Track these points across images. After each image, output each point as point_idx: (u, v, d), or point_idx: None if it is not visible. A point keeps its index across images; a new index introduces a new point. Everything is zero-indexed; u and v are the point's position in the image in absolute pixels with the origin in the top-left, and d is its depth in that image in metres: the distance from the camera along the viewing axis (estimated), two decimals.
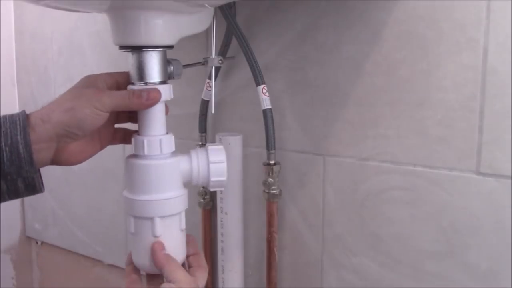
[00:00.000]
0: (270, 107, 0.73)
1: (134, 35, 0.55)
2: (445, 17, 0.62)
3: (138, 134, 0.57)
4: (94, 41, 1.04)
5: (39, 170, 0.51)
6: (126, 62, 0.57)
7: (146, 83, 0.56)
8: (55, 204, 1.19)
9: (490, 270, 0.62)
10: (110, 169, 1.04)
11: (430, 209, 0.66)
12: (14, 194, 0.51)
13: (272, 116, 0.73)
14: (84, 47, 1.06)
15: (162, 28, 0.55)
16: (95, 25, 1.03)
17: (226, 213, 0.79)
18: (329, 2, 0.71)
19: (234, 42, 0.77)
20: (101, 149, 0.59)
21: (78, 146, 0.55)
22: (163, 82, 0.57)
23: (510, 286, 0.61)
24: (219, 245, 0.81)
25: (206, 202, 0.86)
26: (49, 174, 1.20)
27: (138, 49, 0.56)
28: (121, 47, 0.57)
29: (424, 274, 0.67)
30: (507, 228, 0.60)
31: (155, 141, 0.55)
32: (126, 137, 0.61)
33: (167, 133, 0.58)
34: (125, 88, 0.57)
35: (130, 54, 0.57)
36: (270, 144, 0.74)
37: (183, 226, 0.58)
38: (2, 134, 0.49)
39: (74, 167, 1.18)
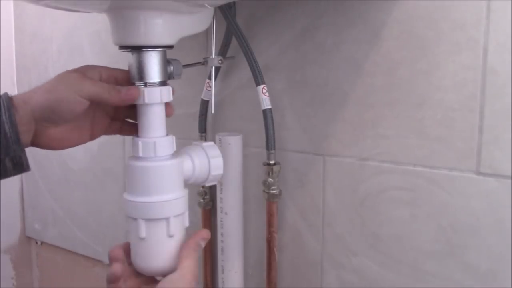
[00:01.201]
0: (270, 107, 0.73)
1: (134, 35, 0.55)
2: (445, 17, 0.62)
3: (138, 136, 0.57)
4: (94, 41, 1.04)
5: (24, 150, 0.52)
6: (126, 62, 0.57)
7: (146, 83, 0.56)
8: (55, 204, 1.19)
9: (490, 270, 0.62)
10: (110, 169, 1.04)
11: (430, 209, 0.66)
12: (3, 173, 0.51)
13: (272, 116, 0.73)
14: (84, 47, 1.06)
15: (162, 28, 0.55)
16: (95, 25, 1.03)
17: (226, 213, 0.79)
18: (329, 2, 0.71)
19: (234, 42, 0.77)
20: (91, 139, 0.58)
21: (61, 132, 0.54)
22: (163, 82, 0.57)
23: (510, 286, 0.61)
24: (219, 245, 0.81)
25: (206, 202, 0.86)
26: (49, 174, 1.21)
27: (138, 49, 0.56)
28: (121, 47, 0.57)
29: (424, 274, 0.67)
30: (507, 228, 0.60)
31: (149, 143, 0.55)
32: (123, 128, 0.60)
33: (166, 134, 0.57)
34: (125, 85, 0.57)
35: (130, 54, 0.57)
36: (270, 144, 0.74)
37: (187, 224, 0.59)
38: None
39: (74, 167, 1.18)
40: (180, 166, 0.58)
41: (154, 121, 0.56)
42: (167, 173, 0.56)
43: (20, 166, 0.51)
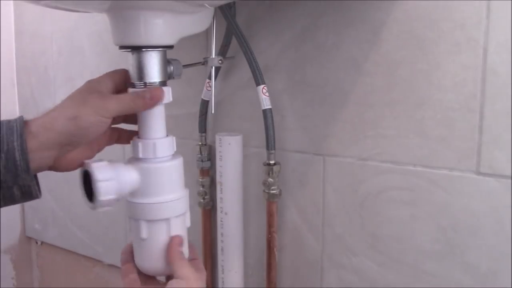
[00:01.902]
0: (270, 107, 0.73)
1: (134, 35, 0.55)
2: (445, 17, 0.62)
3: (138, 137, 0.57)
4: (94, 41, 1.04)
5: (36, 176, 0.51)
6: (126, 62, 0.57)
7: (145, 84, 0.56)
8: (55, 204, 1.19)
9: (490, 270, 0.62)
10: None
11: (430, 209, 0.66)
12: (10, 201, 0.50)
13: (272, 116, 0.73)
14: (84, 47, 1.06)
15: (162, 28, 0.55)
16: (95, 25, 1.03)
17: (226, 213, 0.79)
18: (329, 2, 0.71)
19: (234, 42, 0.77)
20: (98, 151, 0.58)
21: (77, 152, 0.54)
22: (163, 82, 0.57)
23: (510, 286, 0.61)
24: (219, 245, 0.81)
25: (206, 202, 0.86)
26: (49, 174, 1.20)
27: (138, 49, 0.56)
28: (121, 47, 0.57)
29: (424, 274, 0.67)
30: (507, 228, 0.60)
31: (149, 144, 0.55)
32: (121, 137, 0.60)
33: (167, 135, 0.58)
34: (124, 87, 0.57)
35: (130, 54, 0.57)
36: (270, 144, 0.74)
37: (188, 223, 0.59)
38: None
39: None
40: (180, 166, 0.58)
41: (155, 122, 0.56)
42: (167, 174, 0.56)
43: (29, 194, 0.50)
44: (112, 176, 0.53)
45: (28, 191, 0.50)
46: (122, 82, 0.57)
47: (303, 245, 0.78)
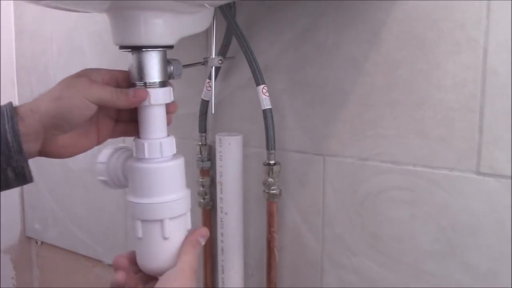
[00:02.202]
0: (270, 107, 0.73)
1: (134, 35, 0.55)
2: (445, 17, 0.62)
3: (139, 137, 0.57)
4: (94, 41, 1.04)
5: (27, 160, 0.50)
6: (126, 62, 0.57)
7: (145, 84, 0.56)
8: (55, 204, 1.19)
9: (490, 270, 0.62)
10: None
11: (430, 209, 0.66)
12: (5, 184, 0.50)
13: (272, 116, 0.73)
14: (84, 47, 1.06)
15: (162, 28, 0.55)
16: (95, 25, 1.03)
17: (226, 213, 0.79)
18: (329, 2, 0.71)
19: (234, 42, 0.77)
20: (98, 143, 0.58)
21: (69, 139, 0.54)
22: (163, 82, 0.57)
23: (510, 286, 0.61)
24: (219, 245, 0.81)
25: (206, 202, 0.86)
26: (49, 174, 1.21)
27: (138, 49, 0.56)
28: (121, 47, 0.57)
29: (424, 274, 0.67)
30: (507, 228, 0.60)
31: (155, 144, 0.55)
32: (128, 130, 0.59)
33: (168, 135, 0.57)
34: (125, 87, 0.56)
35: (130, 54, 0.57)
36: (270, 144, 0.74)
37: (189, 226, 0.58)
38: None
39: (74, 167, 1.18)
40: (178, 167, 0.57)
41: (158, 122, 0.56)
42: (161, 175, 0.55)
43: (23, 177, 0.50)
44: (108, 161, 0.57)
45: (22, 173, 0.50)
46: (121, 80, 0.57)
47: (303, 245, 0.78)
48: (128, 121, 0.60)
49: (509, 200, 0.60)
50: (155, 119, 0.56)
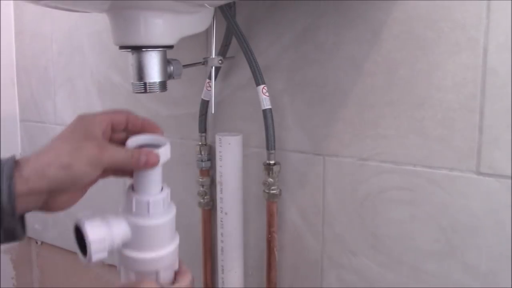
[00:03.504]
0: (270, 107, 0.73)
1: (134, 35, 0.55)
2: (445, 17, 0.62)
3: (133, 190, 0.54)
4: (94, 41, 1.04)
5: (23, 216, 0.50)
6: (126, 62, 0.57)
7: (145, 83, 0.56)
8: None
9: (490, 270, 0.62)
10: None
11: (430, 209, 0.66)
12: None
13: (272, 116, 0.73)
14: (84, 47, 1.06)
15: (162, 28, 0.55)
16: (95, 25, 1.03)
17: (226, 213, 0.79)
18: (329, 2, 0.71)
19: (234, 42, 0.77)
20: (85, 192, 0.57)
21: (68, 196, 0.53)
22: (163, 82, 0.57)
23: (510, 286, 0.61)
24: (219, 245, 0.81)
25: (206, 202, 0.86)
26: None
27: (138, 49, 0.56)
28: (121, 47, 0.57)
29: (424, 274, 0.67)
30: (507, 228, 0.60)
31: (143, 201, 0.53)
32: (117, 171, 0.57)
33: (162, 188, 0.54)
34: (120, 130, 0.54)
35: (130, 54, 0.57)
36: (270, 144, 0.74)
37: (177, 266, 0.57)
38: None
39: None
40: (172, 220, 0.55)
41: (150, 180, 0.53)
42: (158, 231, 0.54)
43: (12, 236, 0.49)
44: (105, 234, 0.52)
45: (11, 234, 0.49)
46: (120, 125, 0.54)
47: (303, 245, 0.78)
48: (122, 172, 0.57)
49: (509, 200, 0.60)
50: (150, 178, 0.53)
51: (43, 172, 0.49)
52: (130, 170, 0.55)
